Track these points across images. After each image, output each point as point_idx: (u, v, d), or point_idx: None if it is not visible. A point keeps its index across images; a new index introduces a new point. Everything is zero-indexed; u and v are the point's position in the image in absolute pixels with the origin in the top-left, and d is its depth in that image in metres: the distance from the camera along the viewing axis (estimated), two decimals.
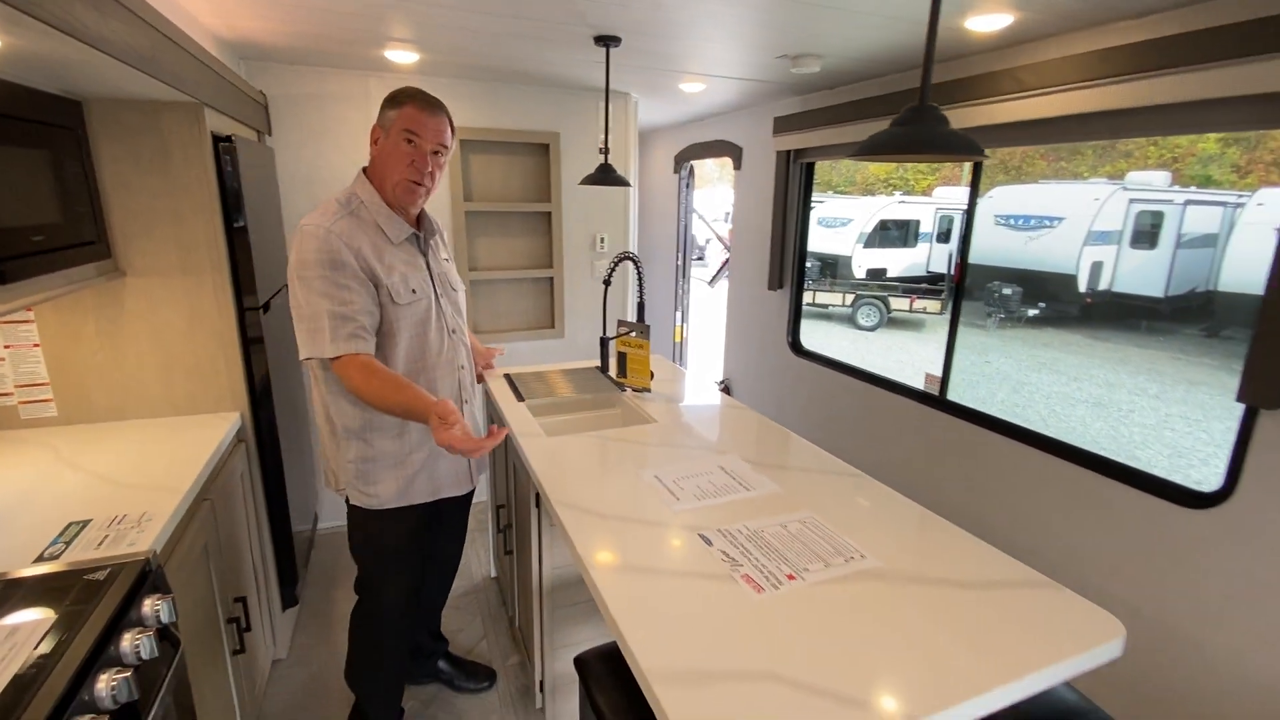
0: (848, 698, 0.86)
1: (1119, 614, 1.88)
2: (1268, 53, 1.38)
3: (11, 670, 0.86)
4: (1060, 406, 7.44)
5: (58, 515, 1.28)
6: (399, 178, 1.47)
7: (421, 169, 1.47)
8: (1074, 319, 10.15)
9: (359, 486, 1.55)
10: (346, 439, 1.52)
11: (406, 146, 1.45)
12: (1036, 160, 13.35)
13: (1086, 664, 0.97)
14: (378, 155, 1.49)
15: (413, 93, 1.47)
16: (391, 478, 1.54)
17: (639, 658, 0.92)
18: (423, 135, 1.45)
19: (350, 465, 1.53)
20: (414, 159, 1.45)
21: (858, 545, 1.24)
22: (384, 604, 1.68)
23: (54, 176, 1.41)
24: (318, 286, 1.37)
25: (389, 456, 1.53)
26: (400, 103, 1.45)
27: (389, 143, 1.46)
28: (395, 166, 1.46)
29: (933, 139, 0.85)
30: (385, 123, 1.47)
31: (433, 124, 1.46)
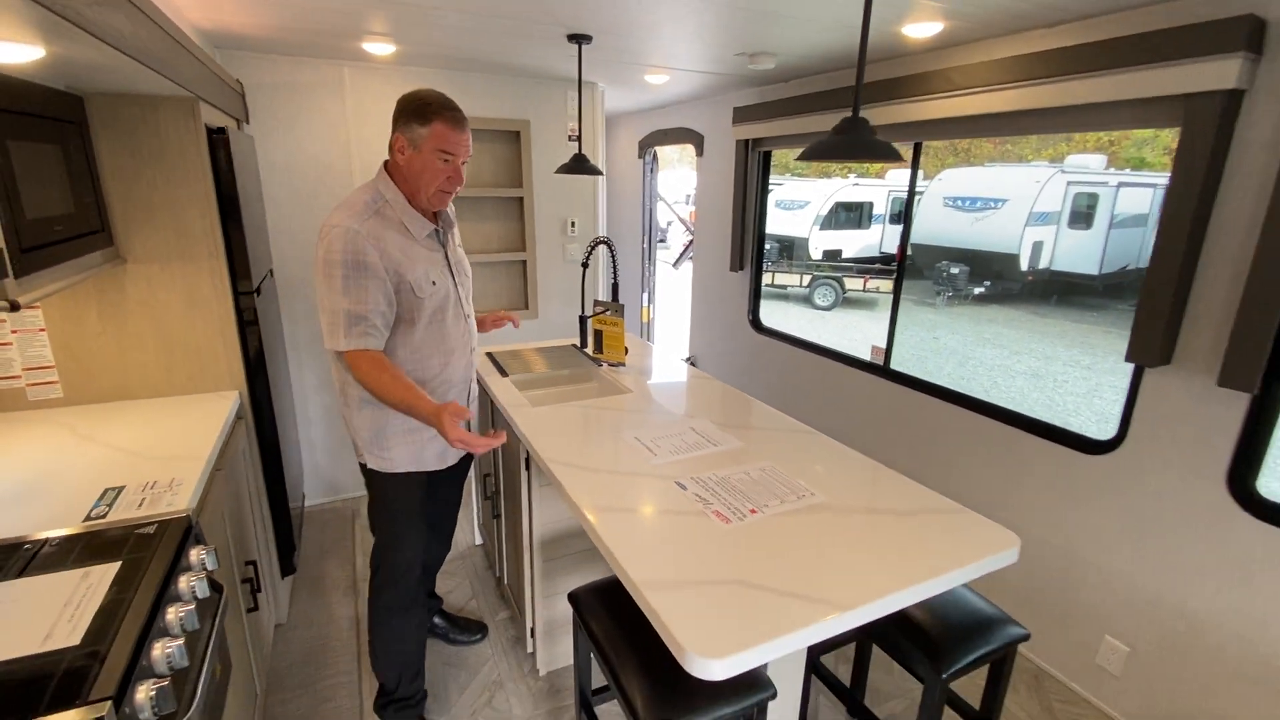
0: (798, 594, 1.07)
1: (1032, 544, 2.18)
2: (1140, 64, 1.64)
3: (95, 604, 1.01)
4: (1001, 378, 7.92)
5: (91, 483, 1.40)
6: (434, 190, 1.55)
7: (456, 183, 1.57)
8: (1017, 296, 10.69)
9: (375, 451, 1.66)
10: (361, 408, 1.64)
11: (443, 165, 1.52)
12: (984, 144, 13.90)
13: (988, 567, 1.21)
14: (406, 166, 1.53)
15: (438, 107, 1.49)
16: (404, 444, 1.66)
17: (630, 572, 1.12)
18: (457, 153, 1.52)
19: (367, 431, 1.65)
20: (450, 175, 1.54)
21: (809, 486, 1.46)
22: (400, 565, 1.73)
23: (66, 170, 1.50)
24: (339, 285, 1.45)
25: (400, 423, 1.65)
26: (428, 118, 1.48)
27: (422, 159, 1.51)
28: (431, 181, 1.53)
29: (862, 147, 1.05)
30: (415, 138, 1.50)
31: (464, 140, 1.53)
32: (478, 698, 2.00)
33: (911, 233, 11.86)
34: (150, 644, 0.97)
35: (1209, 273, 1.66)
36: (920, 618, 1.45)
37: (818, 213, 12.17)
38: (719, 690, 1.21)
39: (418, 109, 1.49)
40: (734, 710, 1.21)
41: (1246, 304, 1.53)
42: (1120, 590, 1.94)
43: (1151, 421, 1.82)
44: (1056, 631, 2.13)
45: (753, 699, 1.23)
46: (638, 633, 1.33)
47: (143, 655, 0.94)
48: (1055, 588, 2.12)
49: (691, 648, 0.95)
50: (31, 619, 0.96)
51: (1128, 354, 1.78)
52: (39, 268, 1.33)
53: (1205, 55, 1.52)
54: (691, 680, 1.22)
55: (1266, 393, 1.58)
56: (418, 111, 1.49)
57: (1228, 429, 1.65)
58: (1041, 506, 2.14)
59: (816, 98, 2.73)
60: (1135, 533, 1.89)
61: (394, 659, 1.78)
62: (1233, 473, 1.66)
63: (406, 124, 1.50)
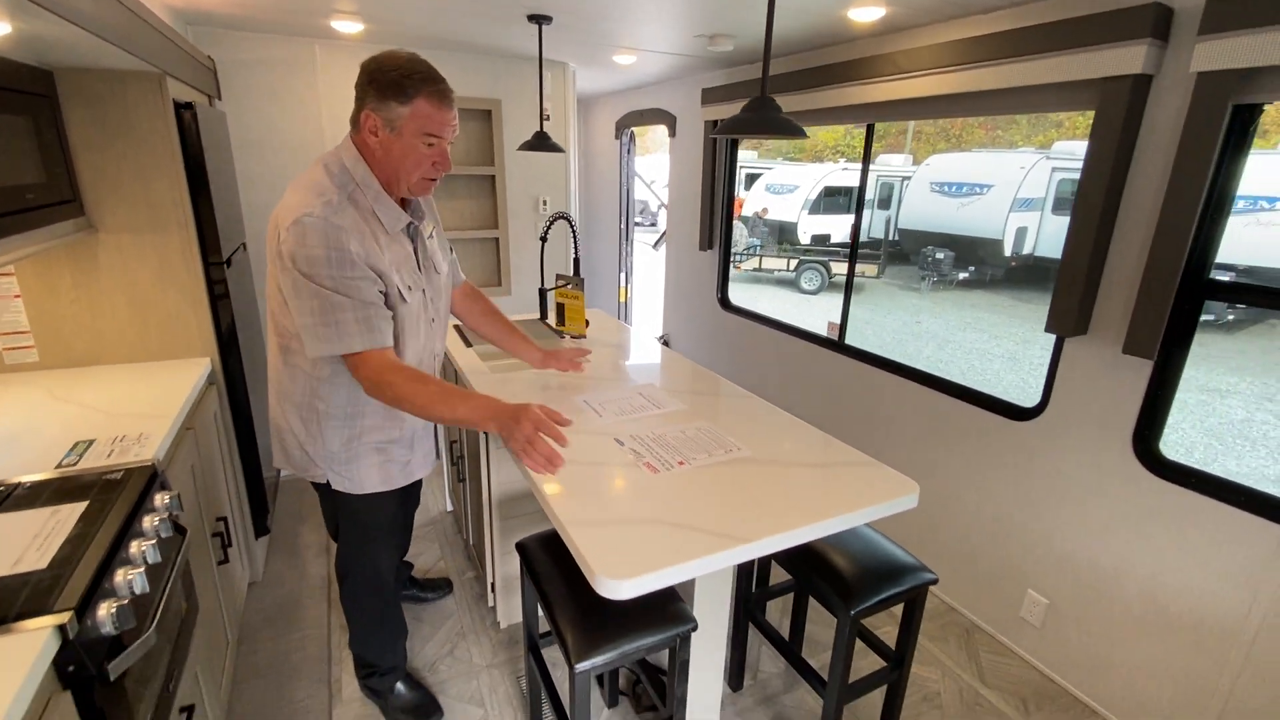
0: (706, 530, 1.19)
1: (968, 507, 2.30)
2: (1061, 49, 1.73)
3: (62, 536, 1.11)
4: (979, 361, 8.07)
5: (63, 436, 1.50)
6: (418, 176, 1.35)
7: (444, 168, 1.37)
8: (1000, 281, 10.81)
9: (341, 471, 1.51)
10: (329, 424, 1.46)
11: (427, 150, 1.31)
12: (975, 130, 13.96)
13: (887, 510, 1.33)
14: (383, 151, 1.31)
15: (420, 80, 1.27)
16: (375, 464, 1.53)
17: (558, 512, 1.23)
18: (444, 135, 1.31)
19: (336, 451, 1.49)
20: (436, 160, 1.34)
21: (737, 442, 1.57)
22: (377, 578, 1.68)
23: (36, 141, 1.58)
24: (329, 285, 1.26)
25: (373, 444, 1.51)
26: (410, 96, 1.25)
27: (403, 144, 1.29)
28: (414, 168, 1.33)
29: (769, 123, 1.14)
30: (392, 117, 1.27)
31: (451, 118, 1.32)
32: (441, 647, 2.12)
33: (899, 217, 11.95)
34: (113, 570, 1.07)
35: (1121, 247, 1.77)
36: (839, 564, 1.57)
37: (807, 196, 12.22)
38: (642, 623, 1.33)
39: (395, 83, 1.25)
40: (655, 640, 1.33)
41: (1148, 276, 1.65)
42: (1041, 547, 2.07)
43: (1070, 389, 1.94)
44: (987, 588, 2.27)
45: (674, 630, 1.35)
46: (572, 576, 1.44)
47: (105, 578, 1.05)
48: (987, 547, 2.25)
49: (602, 572, 1.06)
50: (2, 548, 1.06)
51: (1047, 325, 1.89)
52: (11, 233, 1.41)
53: (1115, 42, 1.62)
54: (617, 615, 1.34)
55: (1167, 360, 1.70)
56: (395, 86, 1.25)
57: (1134, 394, 1.77)
58: (974, 471, 2.26)
59: (783, 78, 2.81)
60: (1054, 493, 2.02)
61: (372, 644, 1.78)
62: (1137, 435, 1.78)
63: (381, 100, 1.26)
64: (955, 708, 1.96)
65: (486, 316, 1.92)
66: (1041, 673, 2.10)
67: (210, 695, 1.59)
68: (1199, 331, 1.65)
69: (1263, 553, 1.56)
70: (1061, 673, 2.05)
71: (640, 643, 1.32)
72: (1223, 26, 1.43)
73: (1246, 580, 1.60)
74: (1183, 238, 1.57)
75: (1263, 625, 1.58)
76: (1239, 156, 1.53)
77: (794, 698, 1.98)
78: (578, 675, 1.29)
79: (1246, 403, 6.28)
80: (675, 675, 1.42)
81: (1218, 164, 1.53)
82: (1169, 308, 1.63)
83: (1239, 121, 1.51)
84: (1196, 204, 1.54)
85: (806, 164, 14.64)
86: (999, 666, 2.13)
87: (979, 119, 12.63)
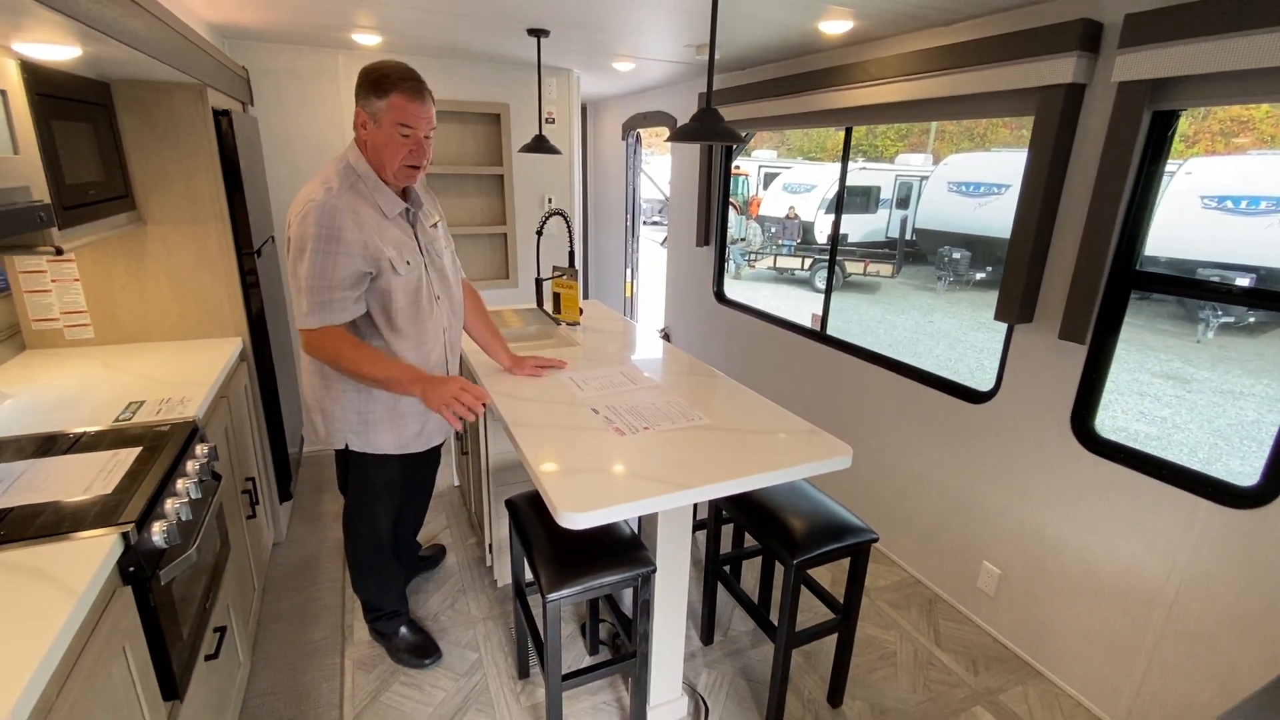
0: (657, 479, 1.39)
1: (932, 485, 2.46)
2: (1005, 60, 1.89)
3: (122, 471, 1.35)
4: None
5: (118, 398, 1.75)
6: (398, 165, 1.53)
7: (420, 156, 1.55)
8: None
9: (360, 432, 1.70)
10: (345, 392, 1.67)
11: (402, 139, 1.49)
12: (1000, 128, 13.89)
13: (821, 469, 1.52)
14: (370, 141, 1.52)
15: (395, 78, 1.46)
16: (390, 428, 1.72)
17: (534, 464, 1.44)
18: (416, 126, 1.50)
19: (353, 416, 1.69)
20: (411, 149, 1.52)
21: (700, 413, 1.77)
22: (374, 531, 1.89)
23: (96, 144, 1.83)
24: (307, 260, 1.46)
25: (385, 408, 1.70)
26: (385, 91, 1.45)
27: (382, 133, 1.49)
28: (394, 155, 1.52)
29: (712, 131, 1.33)
30: (374, 111, 1.48)
31: (424, 112, 1.51)
32: (443, 601, 2.35)
33: (916, 217, 11.95)
34: (163, 499, 1.31)
35: (1060, 242, 1.92)
36: (792, 523, 1.76)
37: (824, 196, 12.29)
38: (607, 563, 1.54)
39: (375, 81, 1.47)
40: (617, 578, 1.53)
41: (1079, 268, 1.80)
42: (995, 521, 2.23)
43: (1019, 373, 2.10)
44: (948, 561, 2.43)
45: (635, 571, 1.55)
46: (550, 525, 1.65)
47: (158, 504, 1.28)
48: (950, 522, 2.42)
49: (563, 506, 1.27)
50: (78, 479, 1.30)
51: (995, 313, 2.05)
52: (76, 223, 1.66)
53: (1049, 54, 1.78)
54: (584, 557, 1.55)
55: (1100, 345, 1.86)
56: (375, 84, 1.47)
57: (1071, 377, 1.93)
58: (938, 450, 2.43)
59: (770, 83, 2.99)
60: (1005, 470, 2.18)
61: (373, 589, 2.01)
62: (1074, 414, 1.93)
63: (365, 97, 1.49)
64: (909, 667, 2.13)
65: (476, 313, 2.09)
66: (994, 638, 2.26)
67: (239, 626, 1.83)
68: (1217, 334, 1.79)
69: (1180, 522, 1.71)
70: (1012, 638, 2.21)
71: (604, 579, 1.52)
72: (1139, 40, 1.59)
73: (1166, 547, 1.75)
74: (1108, 232, 1.72)
75: (1180, 589, 1.73)
76: (1159, 159, 1.69)
77: (760, 653, 2.17)
78: (549, 605, 1.49)
79: (1259, 405, 6.32)
80: (639, 612, 1.62)
81: (1139, 166, 1.69)
82: (1098, 297, 1.78)
83: (1158, 127, 1.67)
84: (1119, 202, 1.69)
85: (826, 163, 14.71)
86: (955, 632, 2.29)
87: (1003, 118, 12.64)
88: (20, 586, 0.99)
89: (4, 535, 1.11)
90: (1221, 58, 1.43)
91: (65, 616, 0.93)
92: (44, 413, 1.64)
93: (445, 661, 2.07)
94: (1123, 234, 1.75)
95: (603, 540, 1.62)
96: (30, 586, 0.99)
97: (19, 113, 1.44)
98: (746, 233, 12.95)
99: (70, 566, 1.04)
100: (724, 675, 2.06)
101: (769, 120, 3.12)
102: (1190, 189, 9.14)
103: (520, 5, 2.15)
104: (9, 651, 0.86)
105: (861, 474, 2.81)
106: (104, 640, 1.03)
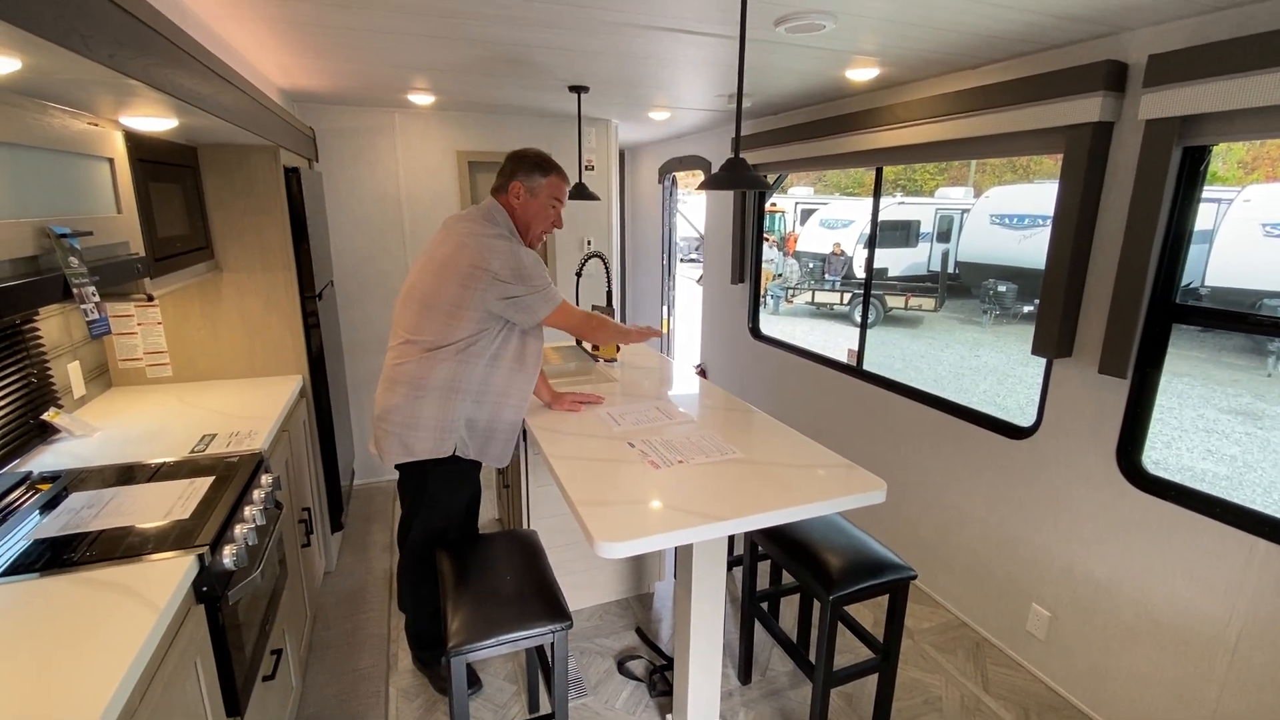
0: (690, 511, 1.43)
1: (975, 523, 2.41)
2: (1032, 101, 1.94)
3: (198, 498, 1.47)
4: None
5: (194, 430, 1.90)
6: (542, 229, 1.93)
7: (558, 225, 1.97)
8: None
9: (466, 439, 1.88)
10: (431, 398, 1.81)
11: (552, 211, 1.92)
12: (1044, 159, 13.73)
13: (856, 503, 1.53)
14: (522, 209, 1.88)
15: (553, 164, 1.90)
16: (457, 436, 1.87)
17: (571, 493, 1.50)
18: (563, 201, 1.94)
19: (460, 421, 1.85)
20: (554, 219, 1.95)
21: (734, 447, 1.81)
22: (413, 549, 2.01)
23: (184, 201, 2.04)
24: (529, 266, 1.79)
25: (463, 415, 1.86)
26: (548, 171, 1.88)
27: (536, 204, 1.88)
28: (542, 221, 1.91)
29: (740, 180, 1.42)
30: (533, 186, 1.86)
31: (567, 191, 1.95)
32: None
33: (958, 250, 11.80)
34: (233, 524, 1.42)
35: (1096, 275, 1.92)
36: (827, 559, 1.76)
37: (862, 231, 12.29)
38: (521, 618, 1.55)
39: (539, 162, 1.88)
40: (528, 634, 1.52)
41: (1115, 302, 1.79)
42: (1042, 560, 2.17)
43: (1060, 408, 2.07)
44: (995, 602, 2.36)
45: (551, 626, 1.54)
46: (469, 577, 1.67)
47: (228, 529, 1.39)
48: (994, 562, 2.35)
49: (599, 536, 1.32)
50: (158, 505, 1.43)
51: (1032, 348, 2.04)
52: (164, 272, 1.84)
53: (1075, 94, 1.82)
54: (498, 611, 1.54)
55: (1143, 379, 1.83)
56: (539, 165, 1.87)
57: (1115, 412, 1.89)
58: (980, 488, 2.38)
59: (800, 127, 3.08)
60: (1051, 508, 2.12)
61: (414, 606, 2.09)
62: (1120, 450, 1.89)
63: (528, 174, 1.86)
64: (956, 713, 2.06)
65: None
66: (1046, 685, 2.16)
67: (293, 649, 1.92)
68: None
69: (1239, 564, 1.65)
70: (1065, 685, 2.12)
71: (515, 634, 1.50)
72: (1163, 79, 1.62)
73: (1224, 590, 1.68)
74: (1143, 265, 1.72)
75: (1242, 634, 1.65)
76: (1193, 192, 1.69)
77: (800, 694, 2.13)
78: (453, 661, 1.47)
79: None
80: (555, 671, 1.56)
81: (1173, 199, 1.69)
82: (1137, 331, 1.77)
83: (1190, 162, 1.67)
84: (1152, 236, 1.69)
85: (864, 198, 14.74)
86: (1004, 677, 2.21)
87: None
88: (109, 602, 1.10)
89: (95, 555, 1.23)
90: (1247, 95, 1.45)
91: (149, 630, 1.03)
92: (129, 444, 1.80)
93: (485, 693, 2.11)
94: (1160, 266, 1.74)
95: (521, 593, 1.61)
96: (118, 602, 1.10)
97: (123, 177, 1.63)
98: (784, 269, 13.00)
99: (152, 585, 1.14)
100: (762, 716, 2.03)
101: (800, 162, 3.21)
102: (1250, 216, 8.80)
103: (562, 66, 2.31)
104: (101, 659, 0.95)
105: (900, 510, 2.77)
106: (180, 655, 1.13)
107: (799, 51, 2.04)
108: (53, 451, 1.74)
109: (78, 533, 1.30)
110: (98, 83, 1.17)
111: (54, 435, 1.82)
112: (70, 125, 1.41)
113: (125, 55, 1.08)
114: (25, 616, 1.05)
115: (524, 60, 2.25)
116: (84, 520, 1.35)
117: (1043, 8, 1.59)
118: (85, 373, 2.12)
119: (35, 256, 1.24)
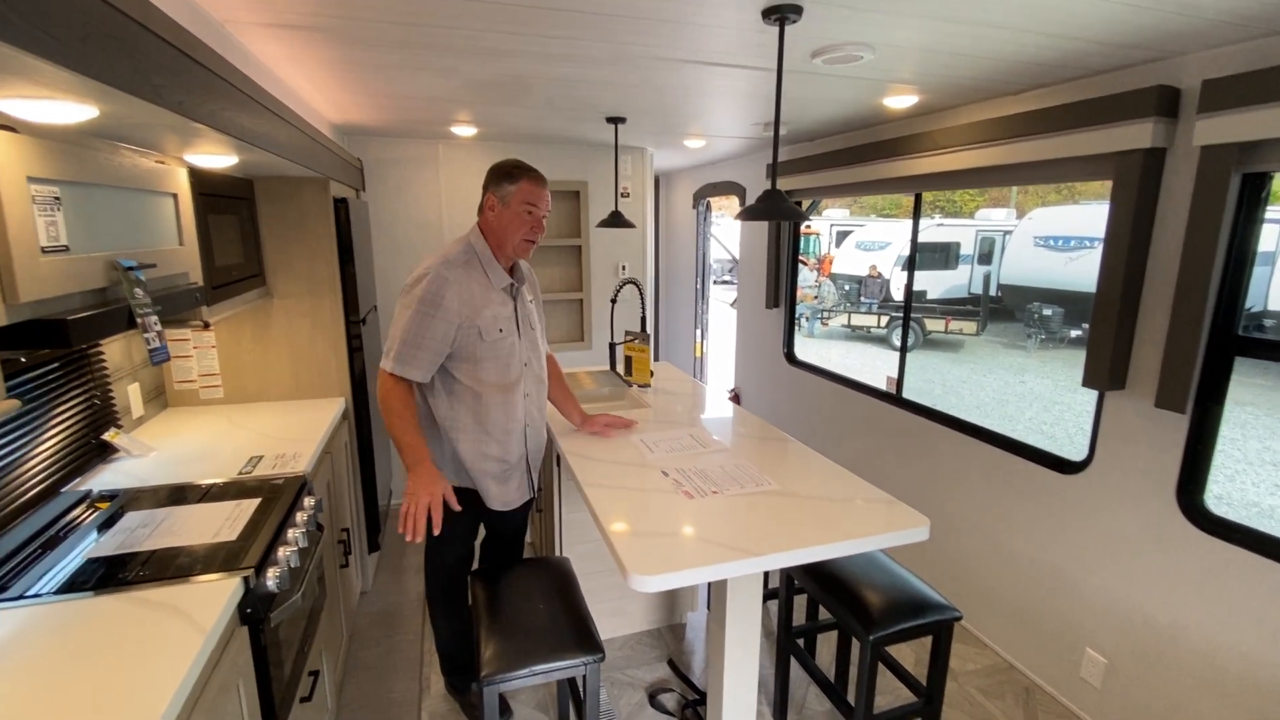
0: (725, 544, 1.41)
1: (1023, 561, 2.32)
2: (1079, 127, 1.89)
3: (244, 520, 1.51)
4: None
5: (242, 452, 1.96)
6: (519, 239, 1.81)
7: (538, 232, 1.85)
8: None
9: (444, 469, 1.85)
10: (431, 434, 1.85)
11: (527, 216, 1.79)
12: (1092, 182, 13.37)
13: (897, 540, 1.48)
14: (496, 220, 1.80)
15: (524, 169, 1.80)
16: (451, 472, 1.87)
17: (605, 524, 1.50)
18: (539, 205, 1.80)
19: (434, 454, 1.81)
20: (532, 225, 1.81)
21: (769, 478, 1.78)
22: (435, 572, 2.06)
23: (239, 232, 2.13)
24: (408, 315, 1.70)
25: (460, 450, 1.85)
26: (516, 178, 1.78)
27: (509, 212, 1.78)
28: (517, 230, 1.80)
29: (776, 211, 1.42)
30: (504, 194, 1.77)
31: (545, 195, 1.82)
32: None
33: (1000, 273, 11.52)
34: (277, 547, 1.45)
35: (1150, 305, 1.85)
36: (868, 596, 1.71)
37: (899, 253, 12.12)
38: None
39: (507, 171, 1.81)
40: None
41: (1172, 334, 1.72)
42: (1097, 604, 2.06)
43: (1114, 442, 1.98)
44: (1045, 645, 2.24)
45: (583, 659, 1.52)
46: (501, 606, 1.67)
47: (272, 551, 1.42)
48: (1044, 603, 2.25)
49: (633, 569, 1.31)
50: (207, 526, 1.48)
51: (1083, 379, 1.97)
52: (220, 300, 1.93)
53: (1125, 120, 1.77)
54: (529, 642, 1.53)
55: (1204, 413, 1.74)
56: (507, 173, 1.80)
57: (1174, 448, 1.80)
58: (1029, 525, 2.29)
59: (836, 154, 3.08)
60: (1107, 548, 2.02)
61: (437, 625, 2.10)
62: (1180, 489, 1.80)
63: (497, 184, 1.80)
64: None
65: (554, 380, 2.21)
66: None
67: (329, 671, 1.94)
68: None
69: None
70: None
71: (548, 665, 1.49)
72: (1219, 105, 1.56)
73: None
74: (1202, 296, 1.65)
75: None
76: (1254, 220, 1.62)
77: None
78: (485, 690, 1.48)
79: None
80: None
81: (1233, 228, 1.62)
82: (1197, 362, 1.69)
83: (1250, 188, 1.61)
84: (1211, 265, 1.62)
85: (901, 220, 14.55)
86: None
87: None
88: (159, 622, 1.13)
89: (148, 575, 1.27)
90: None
91: (195, 653, 1.05)
92: (182, 464, 1.87)
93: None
94: (1220, 297, 1.67)
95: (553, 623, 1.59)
96: (167, 622, 1.13)
97: (185, 211, 1.72)
98: (820, 291, 12.87)
99: (199, 606, 1.17)
100: None
101: (837, 188, 3.19)
102: None
103: (600, 98, 2.36)
104: (152, 678, 0.98)
105: (943, 547, 2.67)
106: (224, 676, 1.15)
107: (836, 81, 2.05)
108: (111, 470, 1.82)
109: (131, 552, 1.35)
110: (167, 126, 1.24)
111: (113, 454, 1.90)
112: (139, 164, 1.50)
113: (194, 101, 1.15)
114: (77, 635, 1.09)
115: (564, 94, 2.31)
116: (138, 540, 1.41)
117: (1090, 35, 1.56)
118: (144, 394, 2.22)
119: (104, 289, 1.31)
